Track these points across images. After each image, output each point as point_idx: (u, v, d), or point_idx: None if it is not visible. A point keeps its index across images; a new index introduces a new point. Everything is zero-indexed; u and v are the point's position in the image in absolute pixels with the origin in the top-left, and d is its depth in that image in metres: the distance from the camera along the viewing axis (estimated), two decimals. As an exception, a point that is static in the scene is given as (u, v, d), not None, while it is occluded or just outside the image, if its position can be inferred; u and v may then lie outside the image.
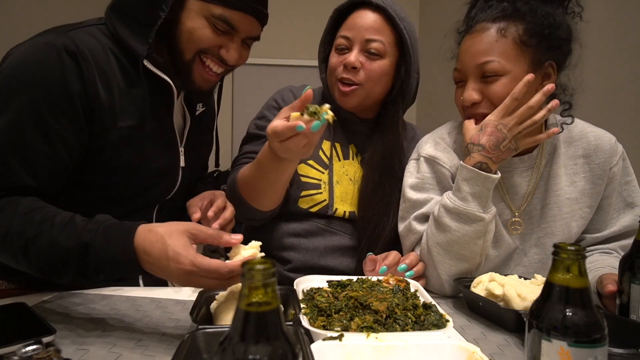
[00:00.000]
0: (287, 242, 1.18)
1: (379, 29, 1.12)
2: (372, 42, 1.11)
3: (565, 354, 0.52)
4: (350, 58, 1.11)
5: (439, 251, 0.98)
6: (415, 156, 1.13)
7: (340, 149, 1.22)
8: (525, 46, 0.95)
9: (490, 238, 0.98)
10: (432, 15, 4.55)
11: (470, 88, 0.99)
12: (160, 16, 0.90)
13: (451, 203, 0.96)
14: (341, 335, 0.66)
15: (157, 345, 0.72)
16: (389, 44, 1.13)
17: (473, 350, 0.63)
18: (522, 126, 0.93)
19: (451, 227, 0.96)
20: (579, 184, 1.06)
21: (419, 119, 4.84)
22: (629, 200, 1.06)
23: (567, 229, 1.06)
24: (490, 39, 0.96)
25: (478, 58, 0.97)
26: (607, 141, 1.06)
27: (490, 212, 0.96)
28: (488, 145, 0.94)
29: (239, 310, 0.40)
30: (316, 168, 1.19)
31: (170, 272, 0.71)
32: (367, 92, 1.15)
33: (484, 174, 0.94)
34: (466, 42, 1.01)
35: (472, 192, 0.95)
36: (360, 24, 1.12)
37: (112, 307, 0.87)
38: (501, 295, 0.84)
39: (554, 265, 0.55)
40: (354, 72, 1.12)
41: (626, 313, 0.79)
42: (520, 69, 0.95)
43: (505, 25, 0.96)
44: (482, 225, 0.95)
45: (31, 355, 0.51)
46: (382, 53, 1.12)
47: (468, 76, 1.00)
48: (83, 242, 0.74)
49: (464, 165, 0.97)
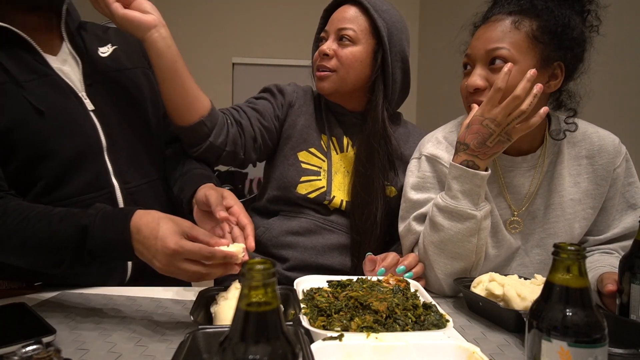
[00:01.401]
0: (285, 240, 1.18)
1: (351, 19, 1.18)
2: (344, 30, 1.17)
3: (565, 354, 0.52)
4: (323, 46, 1.19)
5: (434, 250, 0.98)
6: (417, 155, 1.13)
7: (336, 142, 1.25)
8: (537, 42, 0.95)
9: (485, 236, 0.97)
10: (432, 15, 4.55)
11: (476, 74, 0.98)
12: None
13: (443, 201, 0.97)
14: (341, 335, 0.66)
15: (157, 345, 0.72)
16: (362, 31, 1.17)
17: (473, 350, 0.63)
18: (510, 117, 0.91)
19: (444, 226, 0.96)
20: (582, 184, 1.06)
21: (419, 118, 4.85)
22: (632, 202, 1.06)
23: (569, 230, 1.06)
24: (503, 28, 0.97)
25: (489, 44, 0.97)
26: (610, 142, 1.06)
27: (483, 210, 0.96)
28: (473, 144, 0.94)
29: (239, 310, 0.40)
30: (317, 156, 1.22)
31: (155, 251, 0.73)
32: (341, 78, 1.18)
33: (471, 171, 0.94)
34: (480, 30, 1.01)
35: (462, 189, 0.95)
36: (337, 17, 1.20)
37: (112, 307, 0.87)
38: (501, 295, 0.84)
39: (554, 265, 0.55)
40: (327, 59, 1.18)
41: (626, 313, 0.79)
42: (528, 62, 0.95)
43: (520, 18, 0.96)
44: (474, 223, 0.95)
45: (31, 355, 0.51)
46: (353, 39, 1.17)
47: (476, 62, 0.99)
48: (82, 224, 0.76)
49: (452, 163, 0.97)
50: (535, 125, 0.91)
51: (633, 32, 1.97)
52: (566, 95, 1.03)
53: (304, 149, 1.22)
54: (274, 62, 4.53)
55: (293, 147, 1.22)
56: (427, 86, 4.44)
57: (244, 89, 4.45)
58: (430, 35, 4.55)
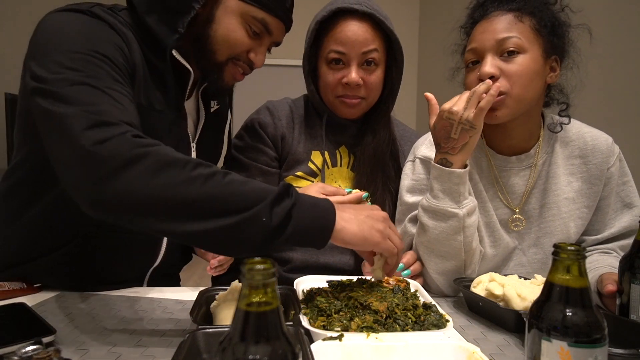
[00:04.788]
0: None
1: (371, 39, 1.10)
2: (368, 54, 1.11)
3: (565, 354, 0.52)
4: (352, 76, 1.10)
5: (424, 250, 0.99)
6: (412, 158, 1.14)
7: (328, 157, 1.21)
8: (539, 34, 0.97)
9: (472, 233, 0.97)
10: (432, 15, 4.55)
11: (488, 63, 0.97)
12: (194, 7, 0.89)
13: (426, 202, 0.98)
14: (341, 336, 0.66)
15: (157, 345, 0.72)
16: (381, 50, 1.13)
17: (473, 350, 0.63)
18: (468, 103, 0.91)
19: (429, 226, 0.97)
20: (575, 184, 1.06)
21: (419, 118, 4.85)
22: (627, 201, 1.06)
23: (565, 229, 1.06)
24: (509, 20, 0.98)
25: (499, 34, 0.97)
26: (603, 142, 1.07)
27: (465, 207, 0.95)
28: (441, 141, 0.95)
29: (239, 310, 0.40)
30: (305, 178, 1.19)
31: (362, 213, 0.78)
32: (369, 104, 1.18)
33: (447, 169, 0.94)
34: (482, 25, 1.01)
35: (442, 189, 0.96)
36: (354, 38, 1.09)
37: (112, 307, 0.87)
38: (501, 295, 0.84)
39: (553, 265, 0.55)
40: (357, 89, 1.12)
41: (626, 313, 0.79)
42: (536, 51, 0.97)
43: (520, 14, 0.98)
44: (457, 221, 0.95)
45: (31, 355, 0.51)
46: (378, 62, 1.13)
47: (486, 53, 0.98)
48: (286, 184, 0.70)
49: (432, 163, 0.98)
50: (489, 105, 0.91)
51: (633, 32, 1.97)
52: (556, 90, 1.05)
53: (290, 174, 1.19)
54: (274, 62, 4.53)
55: (283, 170, 1.21)
56: (427, 86, 4.45)
57: (243, 88, 4.45)
58: (430, 35, 4.55)
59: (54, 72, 0.74)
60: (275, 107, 1.23)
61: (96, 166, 0.64)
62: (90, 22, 0.83)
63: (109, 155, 0.65)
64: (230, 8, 0.92)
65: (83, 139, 0.66)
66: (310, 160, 1.20)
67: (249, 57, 0.98)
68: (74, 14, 0.84)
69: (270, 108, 1.23)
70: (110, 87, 0.75)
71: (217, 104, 1.12)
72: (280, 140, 1.20)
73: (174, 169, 0.66)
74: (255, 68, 1.01)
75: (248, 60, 0.98)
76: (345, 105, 1.15)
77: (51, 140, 0.71)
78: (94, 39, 0.80)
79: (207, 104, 1.09)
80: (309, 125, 1.23)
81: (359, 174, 1.19)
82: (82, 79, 0.74)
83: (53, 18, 0.83)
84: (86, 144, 0.65)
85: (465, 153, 0.95)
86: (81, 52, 0.77)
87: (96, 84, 0.74)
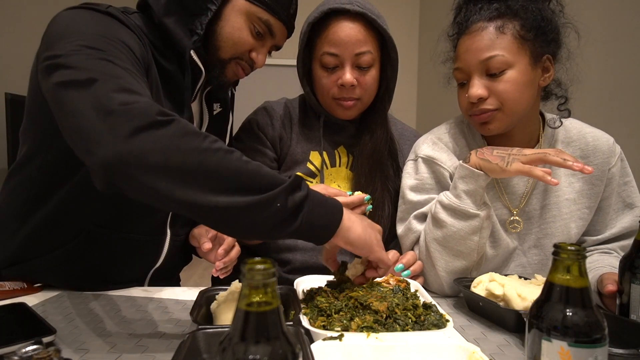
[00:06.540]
0: (285, 243, 1.18)
1: (364, 39, 1.09)
2: (362, 56, 1.10)
3: (566, 354, 0.52)
4: (347, 77, 1.10)
5: (437, 247, 0.99)
6: (413, 157, 1.13)
7: (327, 157, 1.21)
8: (524, 40, 0.96)
9: (486, 235, 0.98)
10: (432, 16, 4.55)
11: (475, 84, 0.98)
12: (210, 8, 0.92)
13: (447, 200, 0.98)
14: (341, 335, 0.66)
15: (157, 345, 0.72)
16: (375, 50, 1.12)
17: (473, 350, 0.63)
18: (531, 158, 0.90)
19: (447, 223, 0.97)
20: (576, 184, 1.06)
21: (419, 119, 4.85)
22: (628, 201, 1.06)
23: (566, 230, 1.06)
24: (490, 35, 0.97)
25: (482, 54, 0.97)
26: (605, 142, 1.07)
27: (484, 211, 0.96)
28: (490, 158, 0.94)
29: (239, 310, 0.40)
30: (304, 179, 1.19)
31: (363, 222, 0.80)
32: (365, 104, 1.18)
33: (477, 171, 0.95)
34: (465, 42, 1.01)
35: (466, 189, 0.96)
36: (347, 39, 1.08)
37: (112, 307, 0.87)
38: (501, 295, 0.84)
39: (554, 265, 0.55)
40: (352, 90, 1.12)
41: (626, 313, 0.79)
42: (523, 62, 0.96)
43: (502, 22, 0.97)
44: (477, 221, 0.95)
45: (31, 355, 0.51)
46: (372, 63, 1.12)
47: (472, 73, 0.99)
48: (297, 177, 0.70)
49: (462, 164, 0.98)
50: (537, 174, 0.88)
51: (632, 33, 1.97)
52: (554, 84, 1.05)
53: (289, 174, 1.20)
54: (274, 62, 4.53)
55: (282, 171, 1.21)
56: (427, 86, 4.45)
57: (243, 88, 4.44)
58: (430, 35, 4.55)
59: (73, 50, 0.72)
60: (273, 108, 1.23)
61: (123, 122, 0.63)
62: (105, 18, 0.83)
63: (138, 114, 0.63)
64: (238, 7, 0.95)
65: (110, 99, 0.64)
66: (308, 161, 1.20)
67: (250, 57, 1.00)
68: (89, 11, 0.83)
69: (267, 108, 1.23)
70: (129, 70, 0.74)
71: (219, 107, 1.12)
72: (278, 140, 1.20)
73: (197, 138, 0.65)
74: (256, 68, 1.03)
75: (250, 60, 1.01)
76: (341, 108, 1.16)
77: (71, 107, 0.66)
78: (113, 30, 0.80)
79: (210, 107, 1.10)
80: (306, 126, 1.23)
81: (357, 174, 1.19)
82: (104, 56, 0.72)
83: (67, 14, 0.82)
84: (113, 103, 0.64)
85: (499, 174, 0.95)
86: (101, 35, 0.76)
87: (118, 63, 0.73)
